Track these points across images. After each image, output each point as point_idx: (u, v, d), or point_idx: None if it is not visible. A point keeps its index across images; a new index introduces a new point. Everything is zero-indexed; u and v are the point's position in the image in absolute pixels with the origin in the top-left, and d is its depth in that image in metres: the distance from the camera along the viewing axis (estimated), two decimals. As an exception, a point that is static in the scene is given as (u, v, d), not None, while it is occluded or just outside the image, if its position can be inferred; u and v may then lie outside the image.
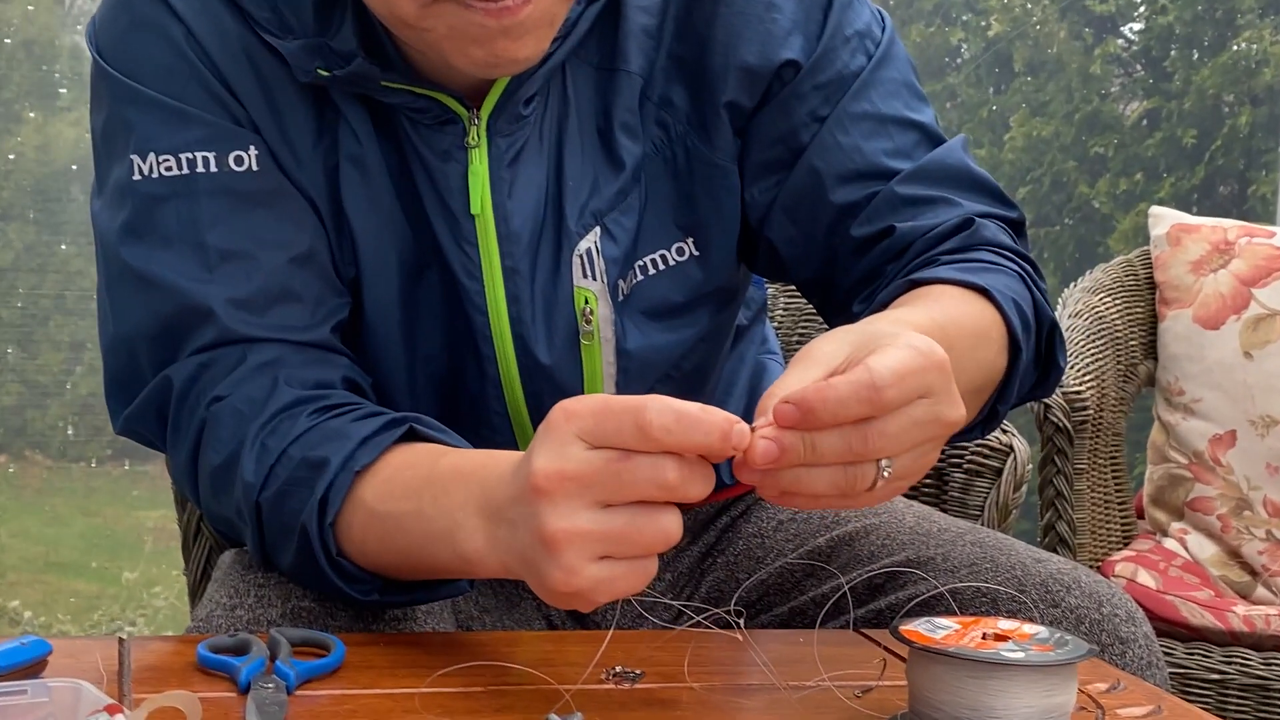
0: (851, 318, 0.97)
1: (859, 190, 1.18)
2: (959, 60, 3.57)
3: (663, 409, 0.84)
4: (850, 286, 1.19)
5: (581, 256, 1.17)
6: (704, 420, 0.84)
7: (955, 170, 1.19)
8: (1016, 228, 1.20)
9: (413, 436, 1.06)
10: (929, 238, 1.15)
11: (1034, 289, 1.14)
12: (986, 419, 1.12)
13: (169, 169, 1.12)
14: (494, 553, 0.93)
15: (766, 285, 1.78)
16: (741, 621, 0.99)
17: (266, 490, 1.06)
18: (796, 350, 1.74)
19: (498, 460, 0.96)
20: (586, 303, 1.17)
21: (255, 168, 1.13)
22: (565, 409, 0.87)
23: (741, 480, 0.87)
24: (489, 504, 0.93)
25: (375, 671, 0.97)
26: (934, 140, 1.21)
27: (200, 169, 1.12)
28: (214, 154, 1.12)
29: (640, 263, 1.19)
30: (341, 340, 1.16)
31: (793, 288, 1.78)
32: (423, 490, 0.99)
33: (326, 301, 1.15)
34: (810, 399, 0.84)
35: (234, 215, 1.12)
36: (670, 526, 0.86)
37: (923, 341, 0.87)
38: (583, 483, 0.85)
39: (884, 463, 0.86)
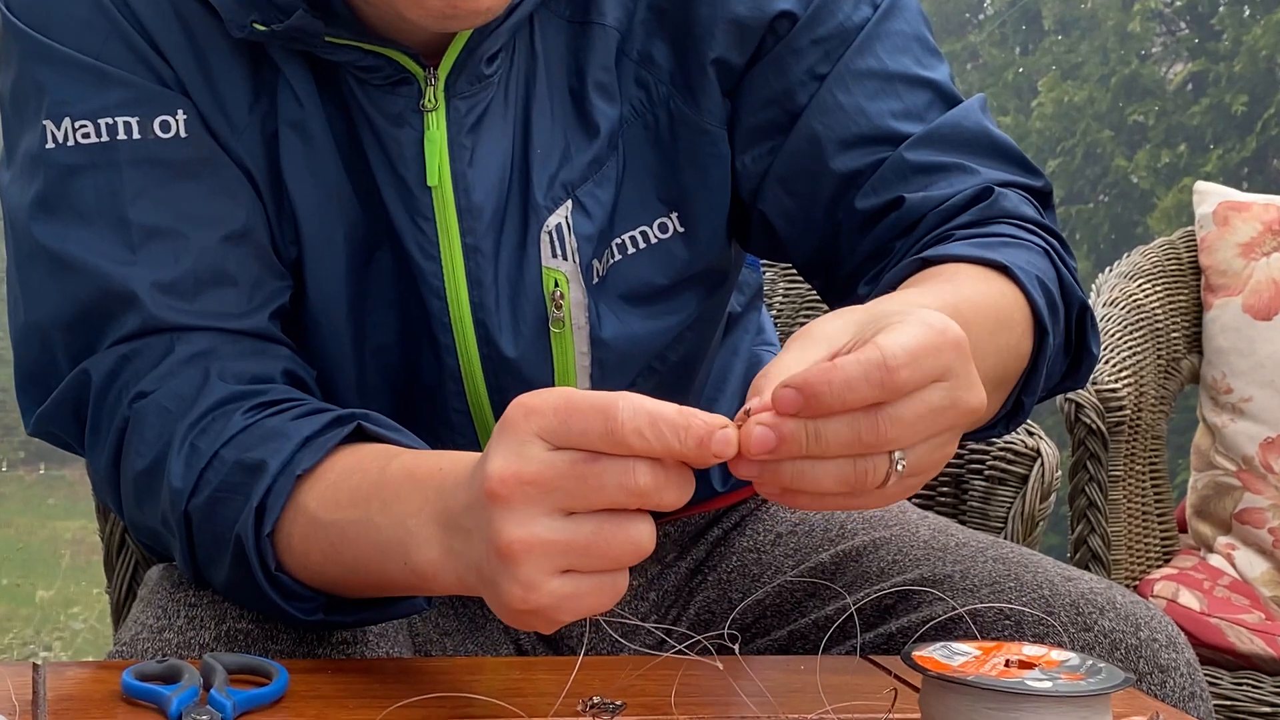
0: (857, 301, 0.97)
1: (863, 157, 1.18)
2: (981, 16, 3.58)
3: (635, 409, 0.84)
4: (855, 266, 1.19)
5: (550, 233, 1.17)
6: (681, 424, 0.84)
7: (972, 134, 1.19)
8: (1042, 199, 1.20)
9: (361, 436, 1.06)
10: (942, 210, 1.15)
11: (1061, 266, 1.14)
12: (1011, 413, 1.12)
13: (86, 136, 1.11)
14: (450, 566, 0.93)
15: (763, 268, 1.78)
16: (736, 647, 0.99)
17: (196, 497, 1.06)
18: (797, 342, 1.74)
19: (456, 462, 0.96)
20: (556, 285, 1.17)
21: (184, 134, 1.12)
22: (524, 405, 0.86)
23: (737, 474, 0.86)
24: (445, 511, 0.93)
25: (322, 702, 0.97)
26: (949, 100, 1.21)
27: (121, 136, 1.11)
28: (137, 119, 1.12)
29: (618, 241, 1.19)
30: (282, 329, 1.16)
31: (793, 270, 1.79)
32: (372, 496, 0.99)
33: (264, 285, 1.15)
34: (814, 381, 0.84)
35: (160, 188, 1.12)
36: (641, 537, 0.86)
37: (937, 318, 0.87)
38: (543, 487, 0.85)
39: (897, 455, 0.86)
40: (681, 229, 1.21)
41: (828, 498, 0.87)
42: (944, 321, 0.87)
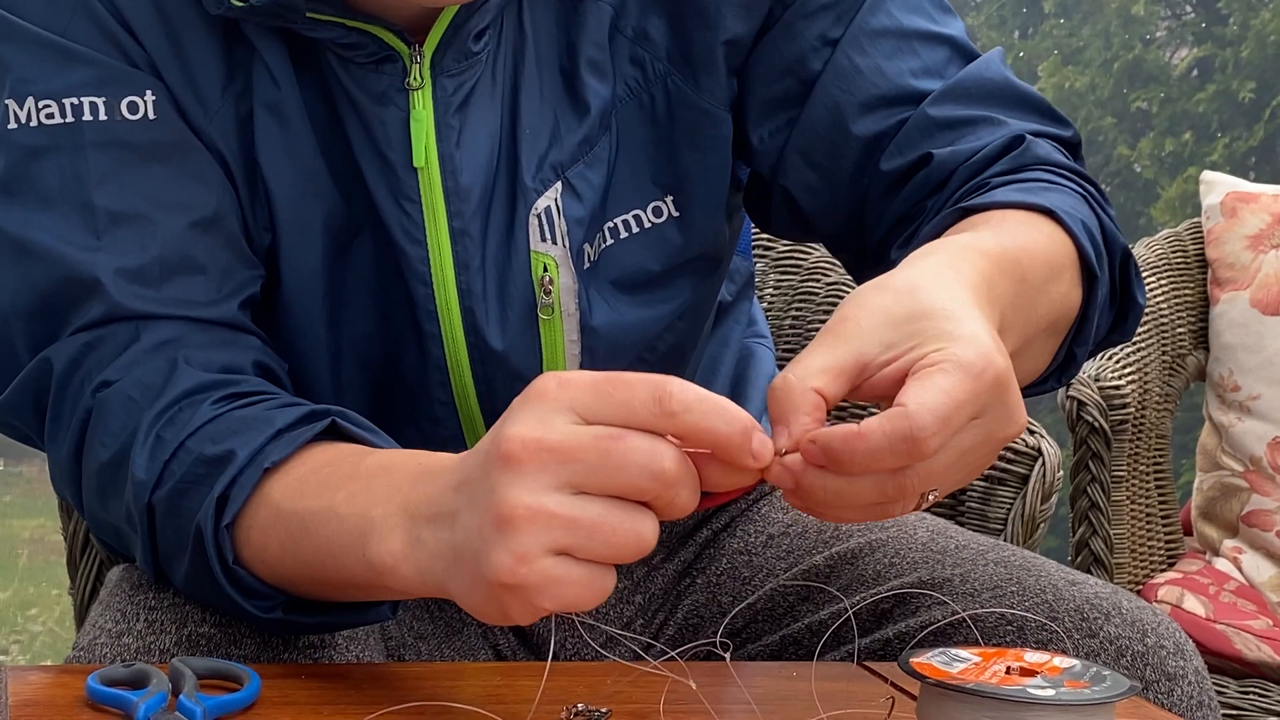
0: (889, 267, 0.96)
1: (885, 118, 1.18)
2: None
3: (684, 385, 0.84)
4: (885, 232, 1.18)
5: (539, 216, 1.17)
6: (729, 408, 0.84)
7: (996, 85, 1.20)
8: (1071, 149, 1.21)
9: (335, 434, 1.05)
10: (973, 163, 1.15)
11: (1101, 212, 1.15)
12: (1064, 364, 1.13)
13: (50, 116, 1.11)
14: (412, 557, 0.91)
15: (754, 258, 1.78)
16: (728, 656, 0.99)
17: (160, 489, 1.05)
18: (788, 334, 1.75)
19: (437, 456, 0.95)
20: (545, 270, 1.17)
21: (152, 116, 1.12)
22: (560, 377, 0.85)
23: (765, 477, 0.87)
24: (417, 500, 0.92)
25: (295, 708, 0.97)
26: (967, 55, 1.21)
27: (87, 117, 1.11)
28: (103, 99, 1.11)
29: (610, 225, 1.19)
30: (254, 320, 1.16)
31: (784, 261, 1.78)
32: (339, 487, 0.97)
33: (235, 273, 1.14)
34: (838, 450, 0.84)
35: (126, 171, 1.11)
36: (646, 532, 0.85)
37: (975, 354, 0.86)
38: (563, 456, 0.84)
39: (931, 493, 0.87)
40: (676, 214, 1.21)
41: (853, 514, 0.88)
42: (984, 359, 0.86)
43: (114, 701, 0.94)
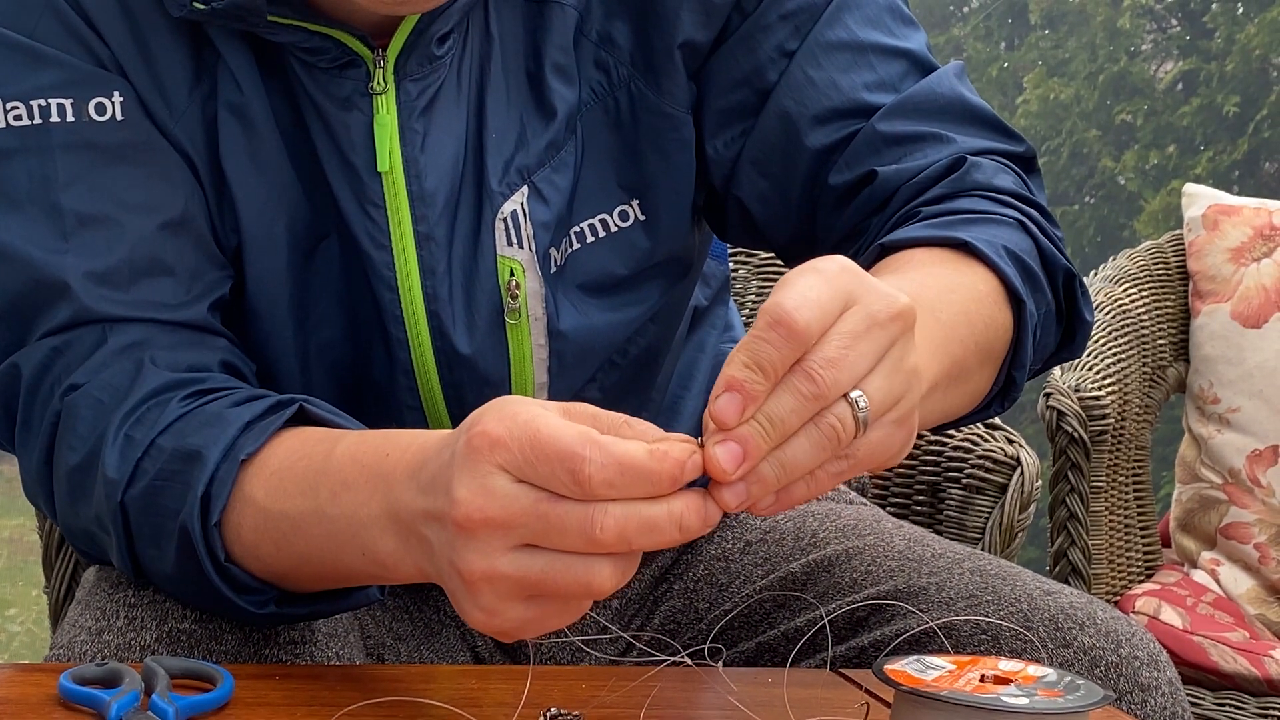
0: None
1: (837, 131, 1.18)
2: (966, 9, 3.59)
3: (604, 458, 0.83)
4: (833, 247, 1.19)
5: (506, 220, 1.17)
6: (653, 470, 0.84)
7: (947, 100, 1.20)
8: (1024, 164, 1.21)
9: (303, 418, 1.05)
10: (915, 183, 1.16)
11: (1040, 235, 1.15)
12: (1004, 388, 1.13)
13: (18, 118, 1.11)
14: (409, 558, 0.94)
15: (737, 266, 1.78)
16: (720, 662, 0.99)
17: (133, 487, 1.05)
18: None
19: (404, 450, 0.95)
20: (512, 275, 1.17)
21: (119, 117, 1.12)
22: (490, 437, 0.86)
23: (728, 508, 0.86)
24: (396, 512, 0.93)
25: (269, 709, 0.97)
26: (925, 70, 1.21)
27: (55, 118, 1.11)
28: (71, 101, 1.11)
29: (576, 229, 1.19)
30: (224, 322, 1.16)
31: (766, 269, 1.78)
32: (319, 485, 0.98)
33: (203, 275, 1.14)
34: (729, 372, 0.84)
35: (94, 173, 1.11)
36: (594, 578, 0.86)
37: (823, 260, 0.86)
38: (507, 523, 0.86)
39: (853, 394, 0.86)
40: (643, 217, 1.21)
41: (819, 477, 0.87)
42: (828, 260, 0.86)
43: (86, 700, 0.94)
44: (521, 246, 1.17)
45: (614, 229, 1.20)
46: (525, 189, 1.17)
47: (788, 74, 1.19)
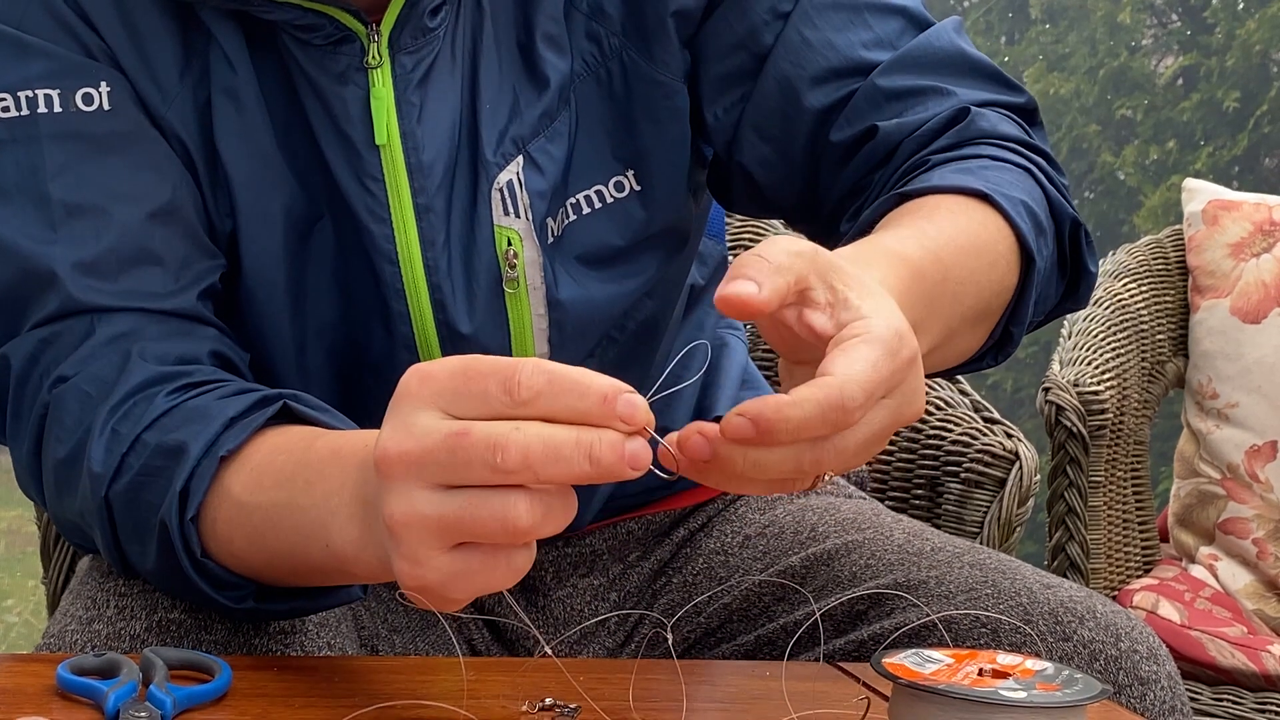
0: (837, 241, 0.95)
1: (836, 90, 1.18)
2: (966, 3, 3.59)
3: (535, 370, 0.82)
4: (836, 205, 1.19)
5: (502, 190, 1.17)
6: (581, 382, 0.81)
7: (946, 54, 1.20)
8: (1026, 115, 1.21)
9: (288, 416, 1.05)
10: (918, 136, 1.16)
11: (1048, 184, 1.15)
12: (1000, 342, 1.13)
13: (6, 110, 1.11)
14: (369, 547, 0.91)
15: (728, 241, 1.78)
16: (673, 639, 0.99)
17: (117, 482, 1.05)
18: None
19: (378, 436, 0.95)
20: (509, 244, 1.17)
21: (107, 107, 1.12)
22: (421, 372, 0.84)
23: (664, 467, 0.85)
24: (364, 489, 0.91)
25: (266, 701, 0.97)
26: (921, 25, 1.21)
27: (42, 109, 1.11)
28: (58, 91, 1.11)
29: (573, 200, 1.20)
30: (218, 310, 1.16)
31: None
32: (295, 477, 0.97)
33: (192, 264, 1.14)
34: (770, 418, 0.82)
35: (82, 163, 1.11)
36: (512, 512, 0.82)
37: (892, 331, 0.86)
38: (420, 459, 0.83)
39: (828, 475, 0.86)
40: (638, 187, 1.21)
41: (745, 490, 0.87)
42: (898, 337, 0.86)
43: (84, 691, 0.94)
44: (518, 216, 1.17)
45: (610, 200, 1.20)
46: (520, 159, 1.17)
47: (783, 36, 1.19)
